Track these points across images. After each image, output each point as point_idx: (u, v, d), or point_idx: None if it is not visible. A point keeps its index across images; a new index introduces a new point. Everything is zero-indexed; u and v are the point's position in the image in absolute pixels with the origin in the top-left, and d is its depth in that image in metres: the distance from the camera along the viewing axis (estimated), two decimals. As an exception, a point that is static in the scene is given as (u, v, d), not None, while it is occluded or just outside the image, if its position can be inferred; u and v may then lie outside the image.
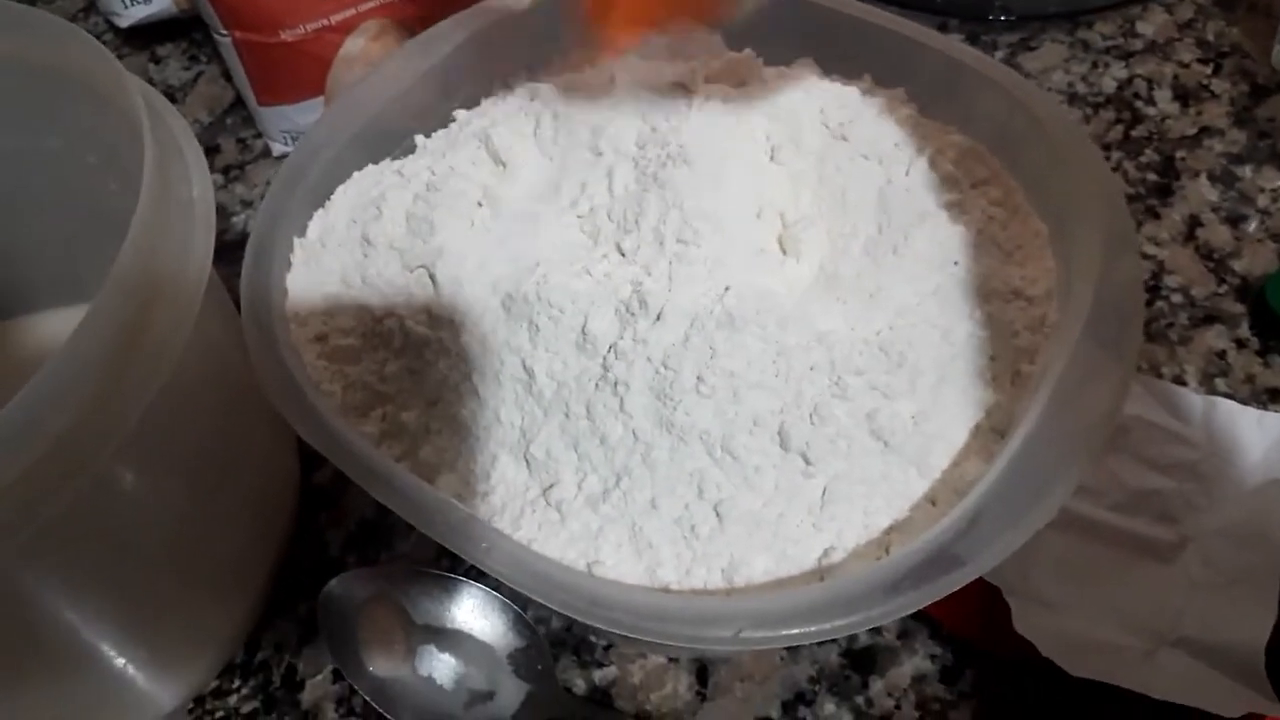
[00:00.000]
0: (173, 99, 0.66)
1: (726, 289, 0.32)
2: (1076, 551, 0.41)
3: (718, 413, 0.31)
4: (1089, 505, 0.43)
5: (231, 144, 0.63)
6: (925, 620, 0.41)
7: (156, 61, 0.68)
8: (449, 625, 0.41)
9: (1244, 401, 0.45)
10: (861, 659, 0.41)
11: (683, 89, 0.38)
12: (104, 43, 0.68)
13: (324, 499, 0.47)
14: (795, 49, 0.42)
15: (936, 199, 0.36)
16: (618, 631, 0.28)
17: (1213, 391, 0.46)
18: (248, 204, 0.60)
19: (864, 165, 0.37)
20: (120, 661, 0.39)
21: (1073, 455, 0.30)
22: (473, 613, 0.41)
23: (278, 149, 0.60)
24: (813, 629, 0.27)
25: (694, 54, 0.41)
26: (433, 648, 0.41)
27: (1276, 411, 0.45)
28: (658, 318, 0.32)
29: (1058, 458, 0.30)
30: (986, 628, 0.39)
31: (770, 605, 0.28)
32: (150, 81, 0.66)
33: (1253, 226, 0.52)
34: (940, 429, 0.32)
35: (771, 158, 0.37)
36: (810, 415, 0.31)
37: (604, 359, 0.32)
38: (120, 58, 0.68)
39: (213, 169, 0.61)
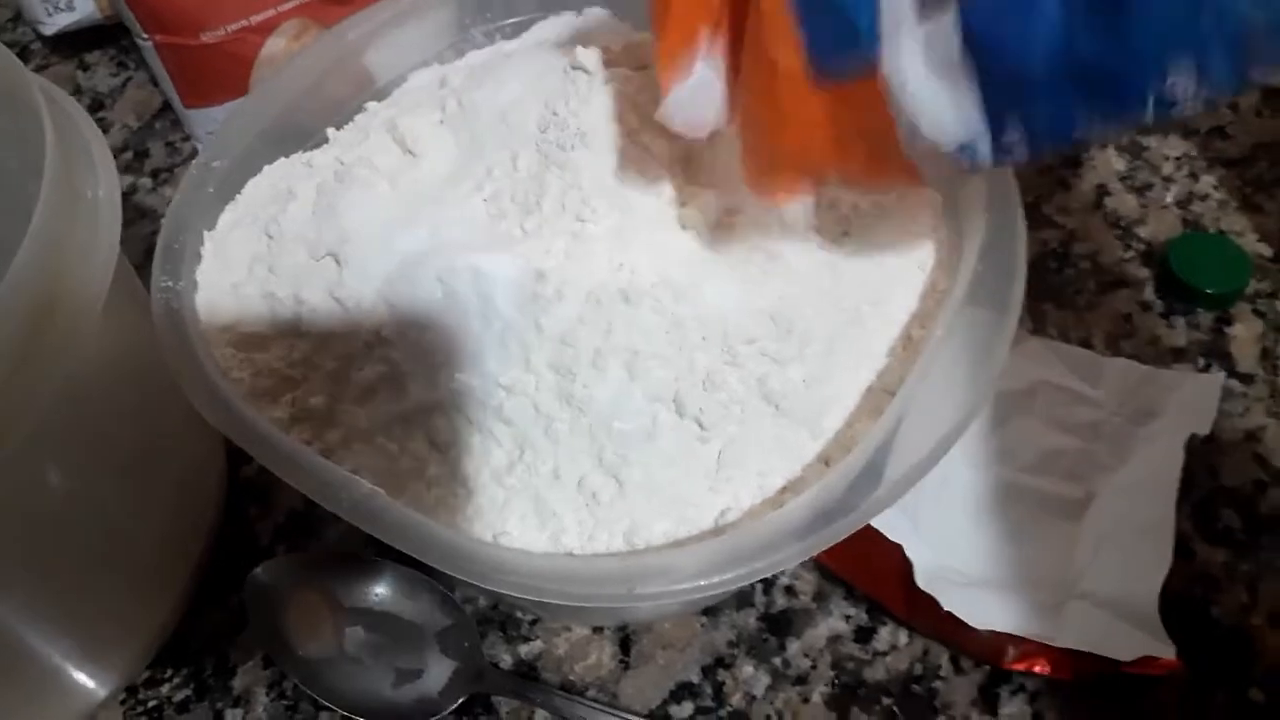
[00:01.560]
0: (101, 105, 0.66)
1: (621, 265, 0.33)
2: (986, 513, 0.43)
3: (615, 385, 0.32)
4: (997, 466, 0.44)
5: (160, 147, 0.63)
6: (840, 583, 0.42)
7: (85, 69, 0.69)
8: (376, 607, 0.42)
9: (1148, 362, 0.47)
10: (778, 622, 0.42)
11: (583, 72, 0.38)
12: (31, 51, 0.69)
13: (253, 491, 0.48)
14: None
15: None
16: (519, 595, 0.29)
17: (1119, 354, 0.48)
18: (177, 206, 0.60)
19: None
20: (48, 653, 0.39)
21: (959, 404, 0.31)
22: (399, 594, 0.42)
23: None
24: (703, 582, 0.28)
25: (595, 38, 0.42)
26: (360, 629, 0.42)
27: (1178, 370, 0.47)
28: (557, 295, 0.33)
29: (945, 407, 0.31)
30: (896, 589, 0.40)
31: (663, 562, 0.29)
32: (79, 88, 0.67)
33: (1157, 194, 0.53)
34: (832, 393, 0.33)
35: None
36: (703, 383, 0.32)
37: (505, 336, 0.33)
38: (48, 66, 0.69)
39: (142, 172, 0.62)
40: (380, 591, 0.42)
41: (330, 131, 0.42)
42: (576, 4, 0.46)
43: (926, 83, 0.26)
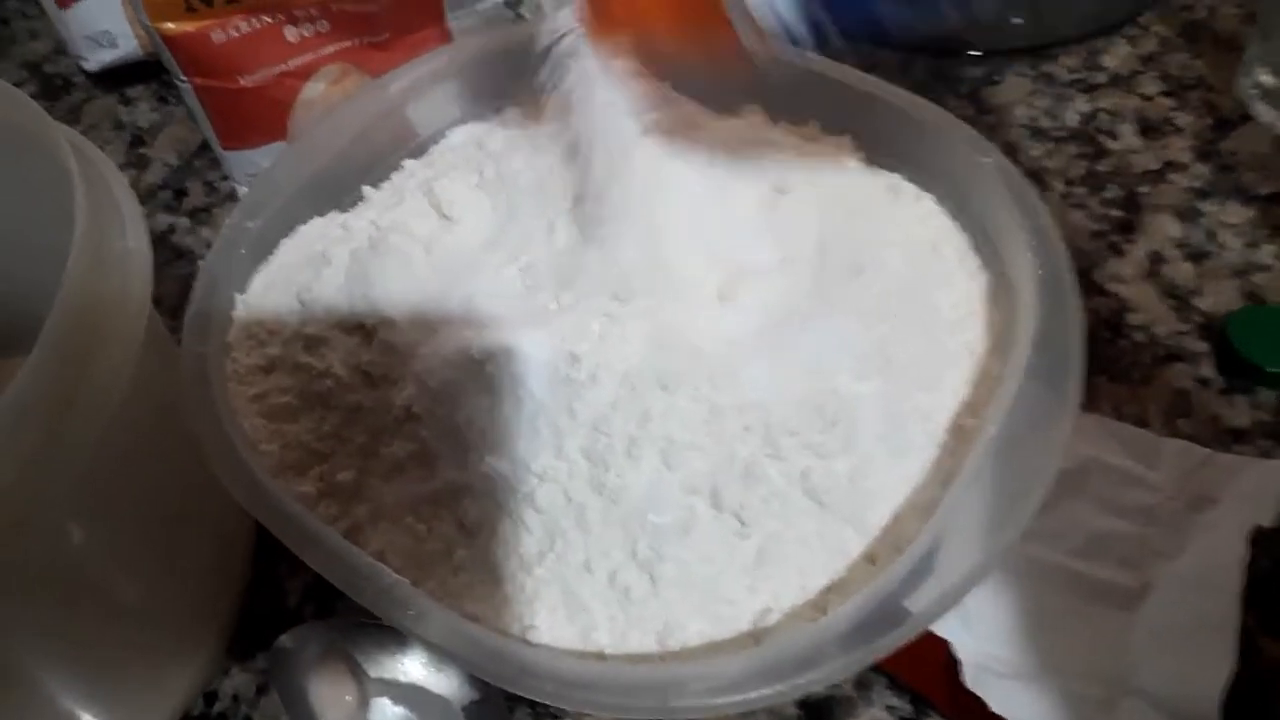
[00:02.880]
0: (142, 141, 0.66)
1: (659, 348, 0.32)
2: (1033, 599, 0.41)
3: (650, 475, 0.31)
4: (1046, 551, 0.42)
5: (199, 186, 0.63)
6: (883, 671, 0.41)
7: (127, 103, 0.69)
8: (403, 679, 0.41)
9: (1206, 443, 0.45)
10: (818, 711, 0.40)
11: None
12: (74, 85, 0.69)
13: (282, 549, 0.46)
14: (741, 96, 0.42)
15: (876, 253, 0.36)
16: (546, 701, 0.28)
17: (1175, 433, 0.46)
18: (214, 247, 0.60)
19: (805, 217, 0.37)
20: (73, 711, 0.38)
21: (1015, 500, 0.30)
22: (427, 666, 0.41)
23: (243, 192, 0.60)
24: (739, 698, 0.27)
25: (641, 107, 0.41)
26: (386, 701, 0.40)
27: (1239, 454, 0.45)
28: (591, 379, 0.32)
29: (1000, 504, 0.30)
30: (942, 684, 0.38)
31: (698, 672, 0.28)
32: (120, 123, 0.67)
33: (1216, 263, 0.51)
34: (877, 487, 0.32)
35: (713, 210, 0.37)
36: (743, 476, 0.31)
37: (537, 420, 0.32)
38: (90, 100, 0.69)
39: (180, 211, 0.61)
40: (408, 663, 0.40)
41: (367, 190, 0.42)
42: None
43: None
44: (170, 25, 0.52)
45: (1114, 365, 0.48)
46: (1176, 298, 0.50)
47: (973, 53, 0.60)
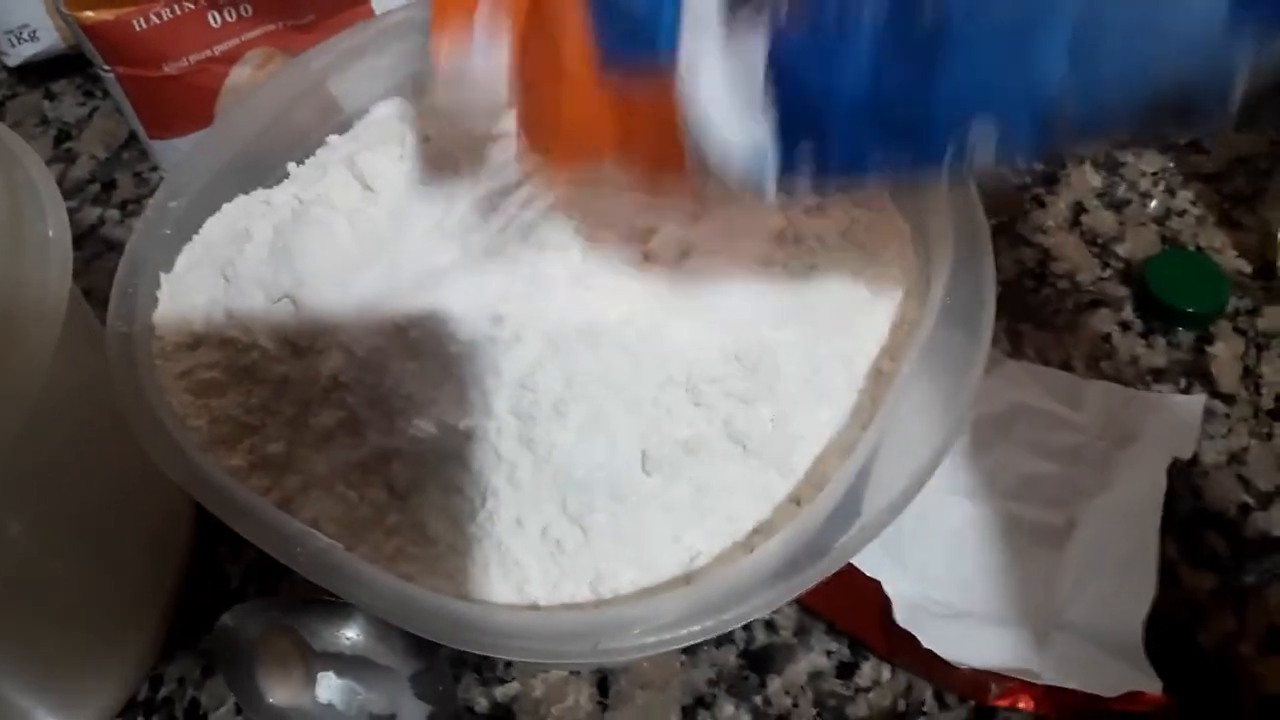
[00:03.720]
0: (68, 135, 0.65)
1: (580, 304, 0.33)
2: (965, 541, 0.42)
3: (578, 430, 0.31)
4: (977, 493, 0.43)
5: (128, 178, 0.62)
6: (821, 616, 0.41)
7: (51, 98, 0.68)
8: (347, 651, 0.41)
9: (1128, 383, 0.46)
10: (759, 659, 0.41)
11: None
12: (-2, 82, 0.68)
13: (223, 531, 0.46)
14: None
15: (800, 204, 0.36)
16: (480, 652, 0.29)
17: (1099, 375, 0.47)
18: (145, 238, 0.59)
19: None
20: (16, 701, 0.38)
21: (933, 437, 0.31)
22: (371, 637, 0.41)
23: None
24: (669, 636, 0.28)
25: None
26: (332, 674, 0.40)
27: (1159, 391, 0.46)
28: (515, 337, 0.32)
29: (918, 441, 0.31)
30: (876, 626, 0.39)
31: (630, 615, 0.29)
32: (45, 119, 0.66)
33: (1135, 211, 0.53)
34: (801, 430, 0.33)
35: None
36: (668, 426, 0.32)
37: (464, 381, 0.32)
38: (14, 96, 0.68)
39: (109, 204, 0.61)
40: (351, 635, 0.41)
41: (291, 166, 0.42)
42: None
43: (720, 100, 0.25)
44: (89, 14, 0.51)
45: (1039, 313, 0.49)
46: (1098, 245, 0.52)
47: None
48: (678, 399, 0.32)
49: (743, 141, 0.25)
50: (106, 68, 0.54)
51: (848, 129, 0.24)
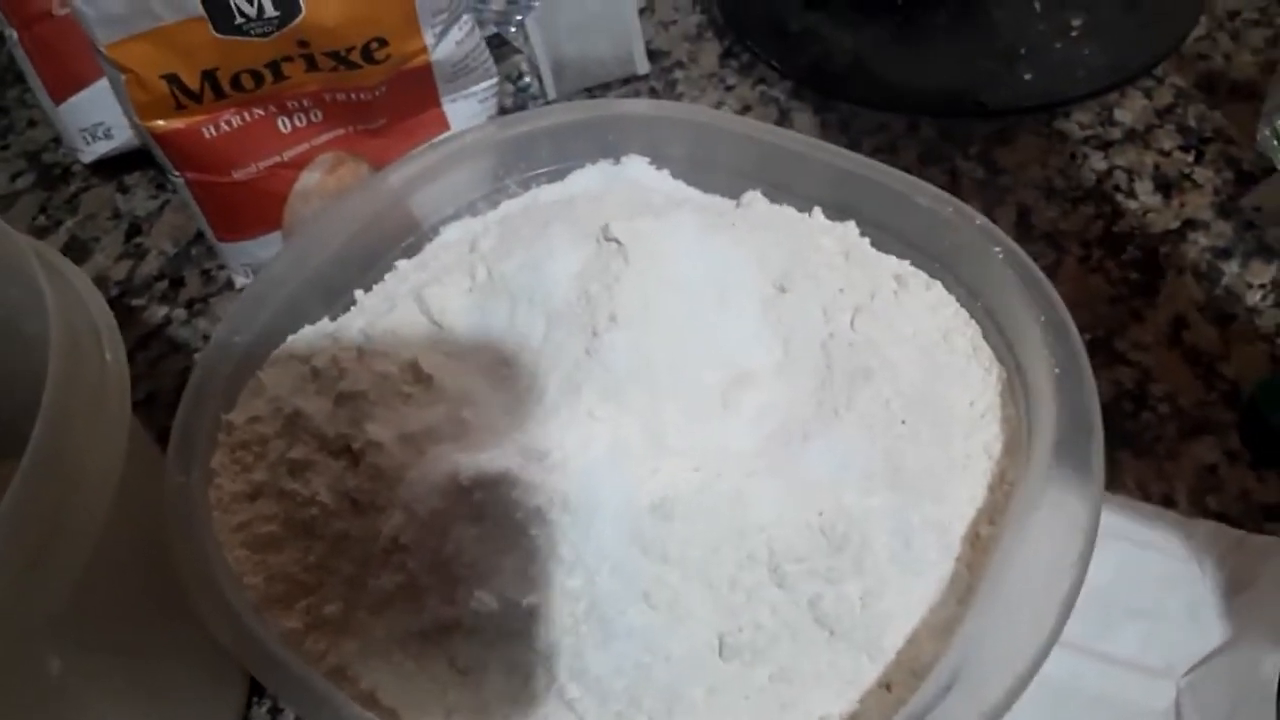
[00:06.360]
0: (139, 229, 0.65)
1: (655, 471, 0.31)
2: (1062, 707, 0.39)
3: (649, 612, 0.29)
4: (1070, 657, 0.40)
5: (196, 276, 0.62)
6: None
7: (124, 191, 0.68)
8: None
9: (1238, 521, 0.43)
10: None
11: (616, 244, 0.36)
12: (72, 174, 0.69)
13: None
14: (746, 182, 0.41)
15: (884, 353, 0.34)
16: None
17: (1204, 511, 0.44)
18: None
19: (806, 315, 0.35)
20: None
21: (1040, 615, 0.28)
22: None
23: (240, 281, 0.59)
24: None
25: (630, 191, 0.40)
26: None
27: (1272, 534, 0.43)
28: (588, 511, 0.30)
29: (1025, 620, 0.28)
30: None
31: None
32: (117, 212, 0.66)
33: (1241, 326, 0.49)
34: (891, 609, 0.30)
35: (711, 311, 0.35)
36: (749, 609, 0.29)
37: (529, 553, 0.30)
38: (88, 189, 0.68)
39: (177, 302, 0.60)
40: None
41: (358, 294, 0.40)
42: (616, 151, 0.44)
43: None
44: (160, 123, 0.51)
45: (1137, 439, 0.46)
46: (1201, 365, 0.48)
47: (979, 112, 0.59)
48: (759, 580, 0.30)
49: None
50: (176, 173, 0.53)
51: None
